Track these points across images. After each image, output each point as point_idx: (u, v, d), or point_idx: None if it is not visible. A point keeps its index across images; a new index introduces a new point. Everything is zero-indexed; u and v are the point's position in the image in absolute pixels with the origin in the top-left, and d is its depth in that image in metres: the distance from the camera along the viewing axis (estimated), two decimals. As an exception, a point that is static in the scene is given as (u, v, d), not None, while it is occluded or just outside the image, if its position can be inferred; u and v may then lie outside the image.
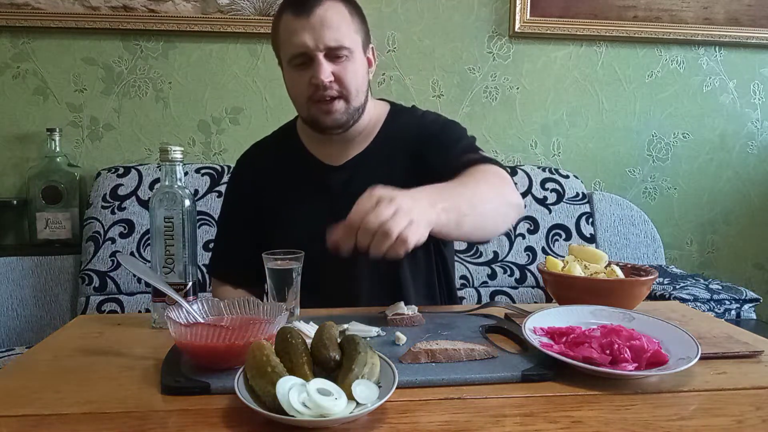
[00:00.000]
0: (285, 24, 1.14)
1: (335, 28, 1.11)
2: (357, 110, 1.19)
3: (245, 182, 1.31)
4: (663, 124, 2.27)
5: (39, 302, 1.87)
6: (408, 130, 1.26)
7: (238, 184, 1.33)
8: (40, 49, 2.00)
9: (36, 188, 1.94)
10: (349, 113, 1.17)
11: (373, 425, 0.62)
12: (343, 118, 1.17)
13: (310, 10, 1.10)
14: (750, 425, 0.64)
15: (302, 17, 1.11)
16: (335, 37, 1.11)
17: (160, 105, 2.07)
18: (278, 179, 1.28)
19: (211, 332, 0.72)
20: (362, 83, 1.18)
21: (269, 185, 1.28)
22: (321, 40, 1.10)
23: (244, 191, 1.30)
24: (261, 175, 1.29)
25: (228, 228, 1.34)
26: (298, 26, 1.11)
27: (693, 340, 0.79)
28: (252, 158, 1.34)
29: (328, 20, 1.11)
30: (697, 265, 2.32)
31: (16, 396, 0.70)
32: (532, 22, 2.12)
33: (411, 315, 0.96)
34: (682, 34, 2.19)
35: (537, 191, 2.02)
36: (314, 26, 1.10)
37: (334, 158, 1.26)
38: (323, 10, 1.11)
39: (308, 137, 1.29)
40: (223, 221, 1.37)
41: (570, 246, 1.12)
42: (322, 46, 1.10)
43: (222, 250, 1.35)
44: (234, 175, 1.36)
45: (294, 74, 1.16)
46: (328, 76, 1.11)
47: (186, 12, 2.00)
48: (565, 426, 0.63)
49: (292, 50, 1.13)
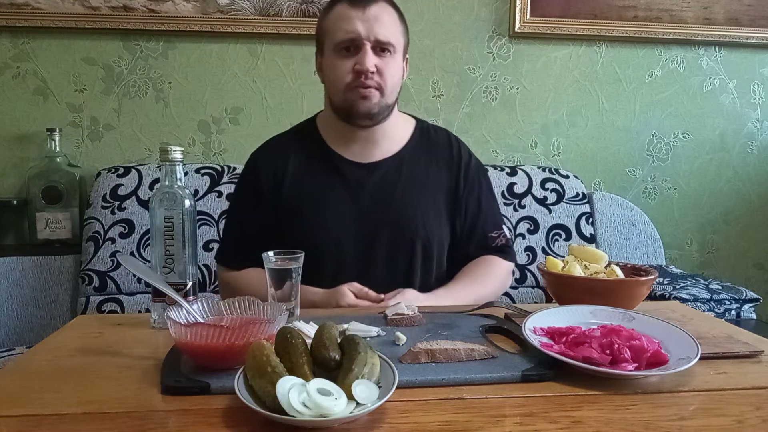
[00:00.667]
0: (339, 11, 1.22)
1: (386, 25, 1.21)
2: (388, 107, 1.26)
3: (263, 173, 1.32)
4: (663, 124, 2.27)
5: (39, 302, 1.87)
6: (444, 149, 1.36)
7: (255, 175, 1.33)
8: (40, 49, 2.00)
9: (36, 188, 1.94)
10: (381, 106, 1.23)
11: (373, 425, 0.62)
12: (375, 109, 1.23)
13: (367, 4, 1.20)
14: (750, 425, 0.64)
15: (358, 9, 1.20)
16: (385, 32, 1.20)
17: (160, 105, 2.07)
18: (298, 171, 1.30)
19: (211, 332, 0.72)
20: (398, 83, 1.27)
21: (289, 177, 1.30)
22: (372, 31, 1.19)
23: (262, 182, 1.31)
24: (280, 167, 1.31)
25: (241, 216, 1.36)
26: (352, 15, 1.19)
27: (693, 340, 0.78)
28: (271, 150, 1.36)
29: (381, 17, 1.21)
30: (697, 265, 2.32)
31: (16, 396, 0.70)
32: (532, 22, 2.12)
33: (411, 315, 0.96)
34: (682, 34, 2.19)
35: (537, 191, 2.02)
36: (368, 18, 1.19)
37: (358, 156, 1.30)
38: (378, 7, 1.21)
39: (330, 133, 1.32)
40: (236, 210, 1.39)
41: (570, 246, 1.12)
42: (372, 38, 1.19)
43: (233, 237, 1.37)
44: (250, 166, 1.36)
45: (337, 60, 1.22)
46: (372, 66, 1.19)
47: (186, 12, 2.01)
48: (565, 426, 0.63)
49: (341, 35, 1.20)
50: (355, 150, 1.30)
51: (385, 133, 1.30)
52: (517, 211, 2.00)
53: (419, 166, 1.32)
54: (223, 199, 1.91)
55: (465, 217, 1.34)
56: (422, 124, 1.38)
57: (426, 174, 1.32)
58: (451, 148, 1.36)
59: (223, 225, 1.87)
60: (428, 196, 1.31)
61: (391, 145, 1.32)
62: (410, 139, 1.34)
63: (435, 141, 1.36)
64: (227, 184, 1.93)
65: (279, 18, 2.04)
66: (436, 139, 1.36)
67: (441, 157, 1.34)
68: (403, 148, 1.32)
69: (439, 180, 1.33)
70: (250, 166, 1.36)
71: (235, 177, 1.94)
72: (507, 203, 1.99)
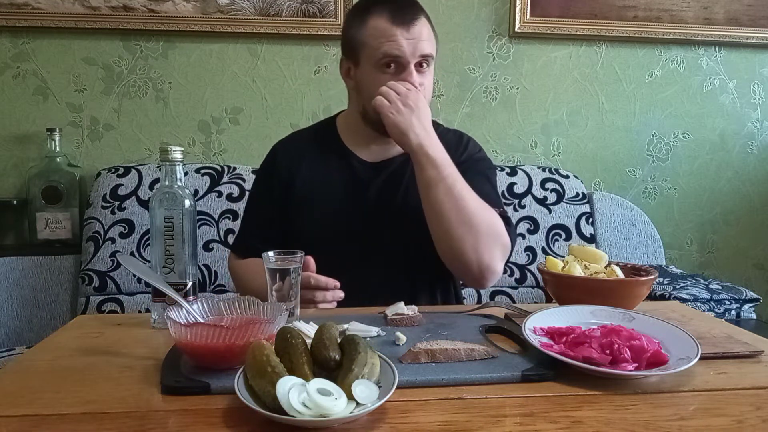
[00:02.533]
0: (380, 27, 1.19)
1: (427, 41, 1.20)
2: None
3: (279, 166, 1.34)
4: (663, 124, 2.27)
5: (39, 302, 1.87)
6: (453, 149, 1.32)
7: (272, 167, 1.36)
8: (40, 49, 2.00)
9: (36, 188, 1.94)
10: None
11: (373, 425, 0.62)
12: None
13: (411, 22, 1.18)
14: (750, 425, 0.64)
15: (403, 27, 1.18)
16: (428, 50, 1.21)
17: (160, 105, 2.07)
18: (313, 167, 1.32)
19: (211, 332, 0.72)
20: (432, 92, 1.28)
21: (303, 172, 1.32)
22: (417, 50, 1.19)
23: (277, 174, 1.34)
24: (297, 160, 1.34)
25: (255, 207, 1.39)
26: (397, 33, 1.18)
27: (693, 340, 0.78)
28: (289, 145, 1.39)
29: (423, 33, 1.20)
30: (697, 265, 2.32)
31: (16, 396, 0.70)
32: (532, 22, 2.12)
33: (411, 315, 0.96)
34: (682, 34, 2.19)
35: (537, 191, 2.02)
36: (414, 37, 1.18)
37: (373, 156, 1.32)
38: (421, 24, 1.20)
39: (349, 134, 1.34)
40: (252, 200, 1.42)
41: (570, 246, 1.12)
42: (418, 56, 1.19)
43: (245, 226, 1.40)
44: (269, 158, 1.39)
45: (378, 75, 1.21)
46: (419, 84, 1.20)
47: (186, 12, 2.00)
48: (565, 426, 0.63)
49: (385, 52, 1.19)
50: (372, 150, 1.32)
51: None
52: (517, 211, 1.99)
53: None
54: (223, 198, 1.91)
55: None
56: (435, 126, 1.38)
57: None
58: (459, 146, 1.36)
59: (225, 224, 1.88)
60: None
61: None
62: None
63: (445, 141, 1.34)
64: (227, 184, 1.93)
65: (279, 18, 2.04)
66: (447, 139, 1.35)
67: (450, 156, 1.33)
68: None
69: None
70: (269, 158, 1.39)
71: (235, 177, 1.94)
72: (507, 203, 1.98)
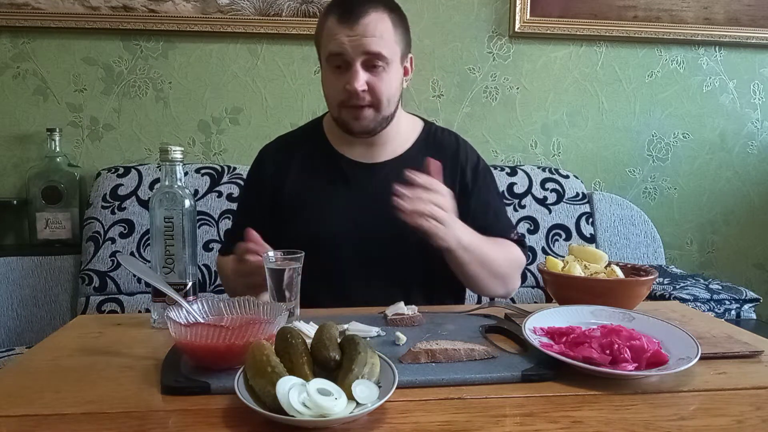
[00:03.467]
0: (329, 25, 1.18)
1: (377, 39, 1.15)
2: (386, 119, 1.24)
3: (267, 170, 1.33)
4: (663, 124, 2.27)
5: (39, 302, 1.87)
6: (450, 152, 1.33)
7: (260, 171, 1.35)
8: (40, 49, 2.00)
9: (36, 188, 1.93)
10: (377, 121, 1.22)
11: (373, 425, 0.62)
12: (371, 126, 1.22)
13: (356, 20, 1.14)
14: (750, 425, 0.64)
15: (345, 25, 1.14)
16: (375, 48, 1.15)
17: (160, 105, 2.07)
18: (301, 170, 1.31)
19: (211, 332, 0.72)
20: (395, 93, 1.23)
21: (292, 175, 1.31)
22: (360, 48, 1.14)
23: (266, 179, 1.33)
24: (284, 165, 1.32)
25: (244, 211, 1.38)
26: (339, 31, 1.15)
27: (693, 340, 0.79)
28: (276, 148, 1.37)
29: (371, 31, 1.14)
30: (697, 265, 2.32)
31: (16, 396, 0.70)
32: (532, 22, 2.12)
33: (411, 315, 0.96)
34: (682, 34, 2.18)
35: (537, 191, 2.02)
36: (356, 34, 1.14)
37: (361, 156, 1.30)
38: (368, 21, 1.14)
39: (334, 135, 1.33)
40: (241, 205, 1.42)
41: (570, 246, 1.12)
42: (361, 54, 1.15)
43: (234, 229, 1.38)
44: (257, 163, 1.38)
45: (330, 75, 1.20)
46: (362, 86, 1.16)
47: (186, 12, 2.00)
48: (565, 426, 0.63)
49: (329, 50, 1.17)
50: (359, 151, 1.30)
51: (389, 136, 1.30)
52: (517, 211, 2.00)
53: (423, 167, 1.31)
54: (223, 198, 1.91)
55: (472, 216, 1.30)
56: (430, 127, 1.38)
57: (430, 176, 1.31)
58: (458, 151, 1.35)
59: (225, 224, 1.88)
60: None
61: (395, 147, 1.32)
62: (416, 141, 1.34)
63: (441, 143, 1.35)
64: (227, 184, 1.93)
65: (279, 18, 2.04)
66: (443, 142, 1.36)
67: (447, 159, 1.32)
68: (408, 150, 1.32)
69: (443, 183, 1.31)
70: (257, 162, 1.38)
71: (235, 177, 1.94)
72: (507, 203, 1.98)
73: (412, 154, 1.32)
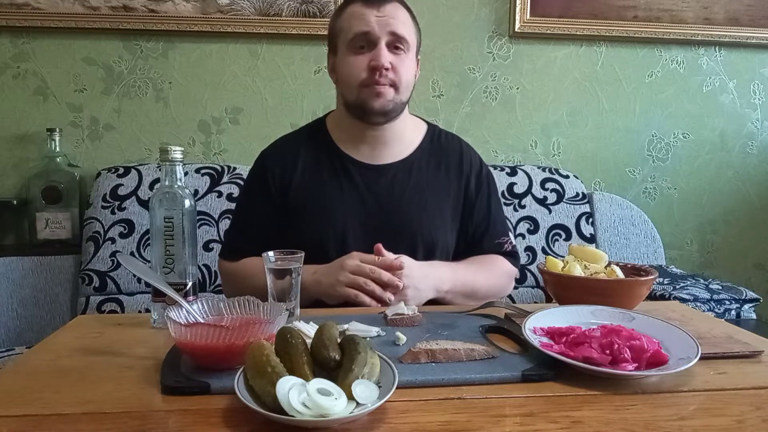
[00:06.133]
0: (352, 10, 1.23)
1: (400, 22, 1.23)
2: (401, 104, 1.26)
3: (271, 173, 1.32)
4: (663, 124, 2.27)
5: (39, 302, 1.87)
6: (454, 156, 1.36)
7: (263, 174, 1.33)
8: (40, 49, 2.00)
9: (36, 188, 1.94)
10: (395, 103, 1.24)
11: (373, 425, 0.62)
12: (389, 106, 1.24)
13: (382, 3, 1.22)
14: (750, 425, 0.64)
15: (372, 7, 1.21)
16: (400, 30, 1.22)
17: (160, 105, 2.07)
18: (307, 171, 1.31)
19: (211, 332, 0.72)
20: (411, 81, 1.27)
21: (297, 177, 1.30)
22: (387, 27, 1.21)
23: (269, 181, 1.31)
24: (289, 167, 1.31)
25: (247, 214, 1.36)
26: (367, 12, 1.21)
27: (693, 340, 0.78)
28: (280, 150, 1.36)
29: (396, 14, 1.22)
30: (697, 265, 2.32)
31: (16, 396, 0.70)
32: (532, 22, 2.12)
33: (411, 315, 0.96)
34: (682, 34, 2.19)
35: (537, 191, 2.02)
36: (383, 15, 1.21)
37: (367, 157, 1.30)
38: (392, 6, 1.23)
39: (340, 134, 1.33)
40: (243, 208, 1.39)
41: (570, 246, 1.12)
42: (387, 34, 1.21)
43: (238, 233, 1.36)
44: (259, 165, 1.36)
45: (351, 57, 1.23)
46: (387, 62, 1.20)
47: (186, 12, 2.00)
48: (565, 426, 0.63)
49: (356, 31, 1.21)
50: (364, 151, 1.30)
51: (395, 134, 1.31)
52: (517, 211, 2.00)
53: (428, 171, 1.32)
54: (223, 199, 1.91)
55: (474, 223, 1.34)
56: (434, 130, 1.39)
57: (435, 180, 1.32)
58: (461, 156, 1.36)
59: (225, 224, 1.88)
60: (435, 202, 1.31)
61: (401, 149, 1.32)
62: (421, 143, 1.35)
63: (446, 147, 1.37)
64: (227, 184, 1.93)
65: (279, 18, 2.04)
66: (447, 146, 1.37)
67: (451, 163, 1.35)
68: (413, 153, 1.33)
69: (448, 186, 1.33)
70: (259, 165, 1.36)
71: (235, 177, 1.94)
72: (507, 203, 1.99)
73: (417, 158, 1.33)
